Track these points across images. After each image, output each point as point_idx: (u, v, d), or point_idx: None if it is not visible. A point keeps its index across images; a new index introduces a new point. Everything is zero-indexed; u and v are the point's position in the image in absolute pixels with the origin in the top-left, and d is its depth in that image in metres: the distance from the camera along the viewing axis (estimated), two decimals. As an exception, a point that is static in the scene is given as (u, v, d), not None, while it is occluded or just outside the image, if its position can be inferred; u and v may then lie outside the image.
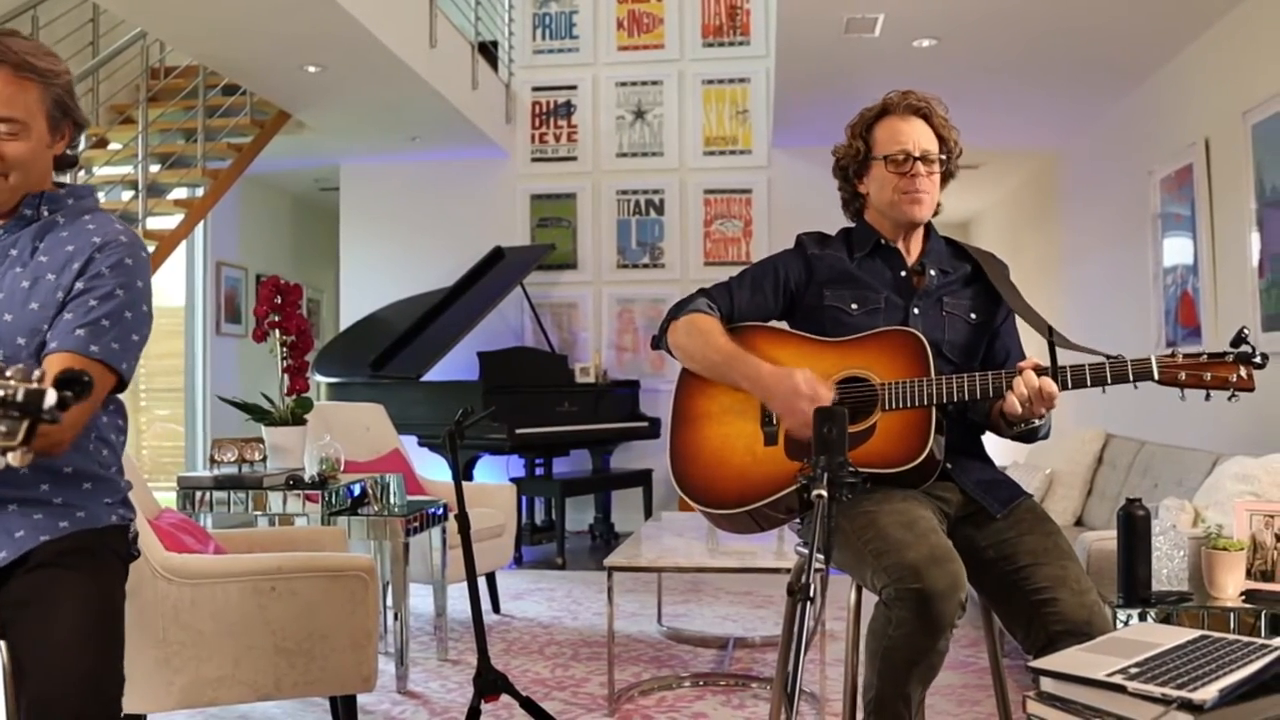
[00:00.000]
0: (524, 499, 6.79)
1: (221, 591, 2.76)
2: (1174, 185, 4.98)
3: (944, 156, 2.23)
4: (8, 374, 1.19)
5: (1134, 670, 1.44)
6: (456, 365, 6.84)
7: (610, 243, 7.68)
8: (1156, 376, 1.96)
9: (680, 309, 2.27)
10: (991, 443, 2.30)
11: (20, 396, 1.17)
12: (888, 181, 2.21)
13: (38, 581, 1.70)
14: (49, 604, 1.68)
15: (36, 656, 1.63)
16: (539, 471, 7.05)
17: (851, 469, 1.73)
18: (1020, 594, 2.00)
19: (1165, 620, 2.66)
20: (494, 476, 6.99)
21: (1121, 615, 2.73)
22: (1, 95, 1.73)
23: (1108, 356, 1.99)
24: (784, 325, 2.32)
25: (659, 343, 2.32)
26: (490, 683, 2.82)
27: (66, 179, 1.96)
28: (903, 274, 2.24)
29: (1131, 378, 1.97)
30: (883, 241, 2.26)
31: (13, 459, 1.20)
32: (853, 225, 2.33)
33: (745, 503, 2.16)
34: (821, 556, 1.71)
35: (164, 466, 8.32)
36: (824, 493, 1.68)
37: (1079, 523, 4.60)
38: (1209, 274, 4.57)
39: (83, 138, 5.59)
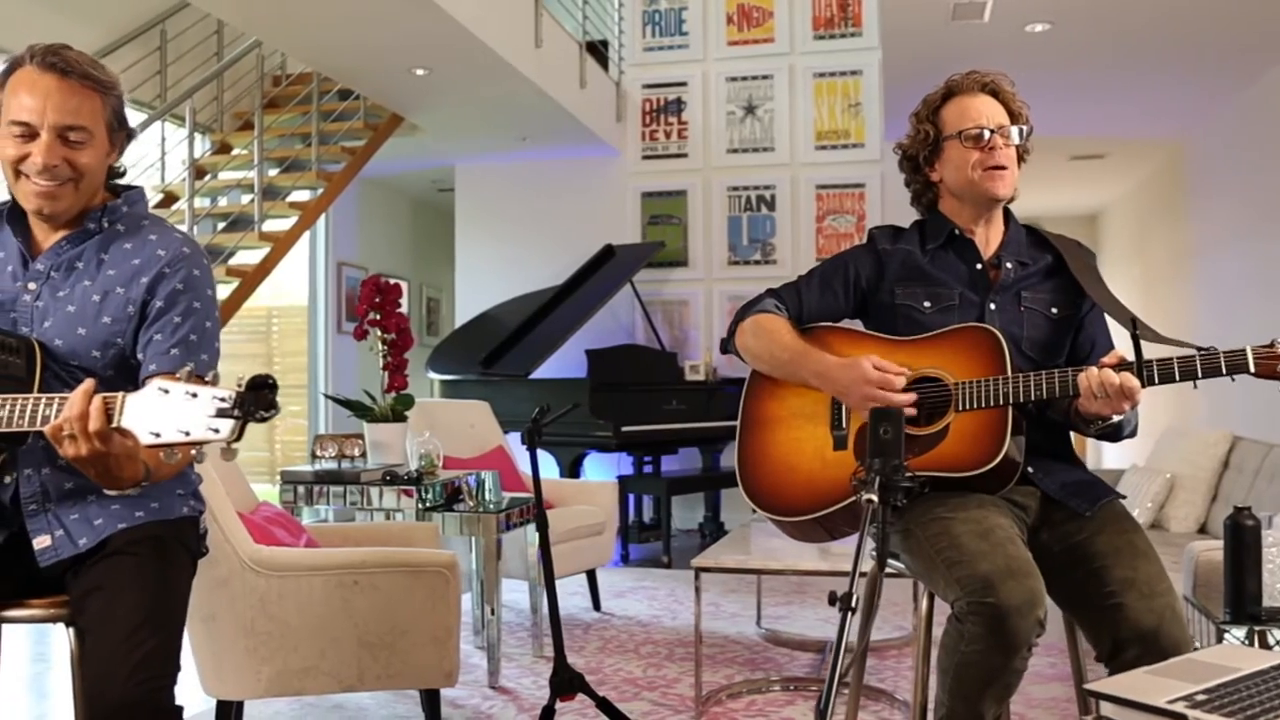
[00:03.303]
0: (631, 497, 6.79)
1: (306, 584, 2.83)
2: (1313, 172, 4.66)
3: (1019, 129, 2.12)
4: (206, 379, 1.46)
5: (1200, 697, 1.33)
6: (566, 363, 6.88)
7: (721, 239, 7.62)
8: (1252, 369, 1.82)
9: (747, 310, 2.22)
10: (1109, 444, 2.17)
11: (234, 399, 1.43)
12: (965, 160, 2.10)
13: (108, 568, 1.77)
14: (114, 590, 1.74)
15: (97, 640, 1.69)
16: (647, 469, 7.04)
17: (908, 473, 1.65)
18: (1089, 597, 1.89)
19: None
20: (604, 474, 7.01)
21: (1237, 632, 2.55)
22: (69, 105, 1.78)
23: (1199, 349, 1.85)
24: (858, 325, 2.25)
25: (727, 346, 2.27)
26: (566, 682, 2.82)
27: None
28: (978, 267, 2.13)
29: (1225, 371, 1.83)
30: (957, 232, 2.16)
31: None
32: (926, 218, 2.24)
33: (814, 509, 2.09)
34: (874, 563, 1.64)
35: (294, 460, 8.62)
36: (874, 497, 1.61)
37: (1202, 530, 4.35)
38: (1351, 266, 4.26)
39: (209, 140, 5.82)
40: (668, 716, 3.37)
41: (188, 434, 1.44)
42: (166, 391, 1.47)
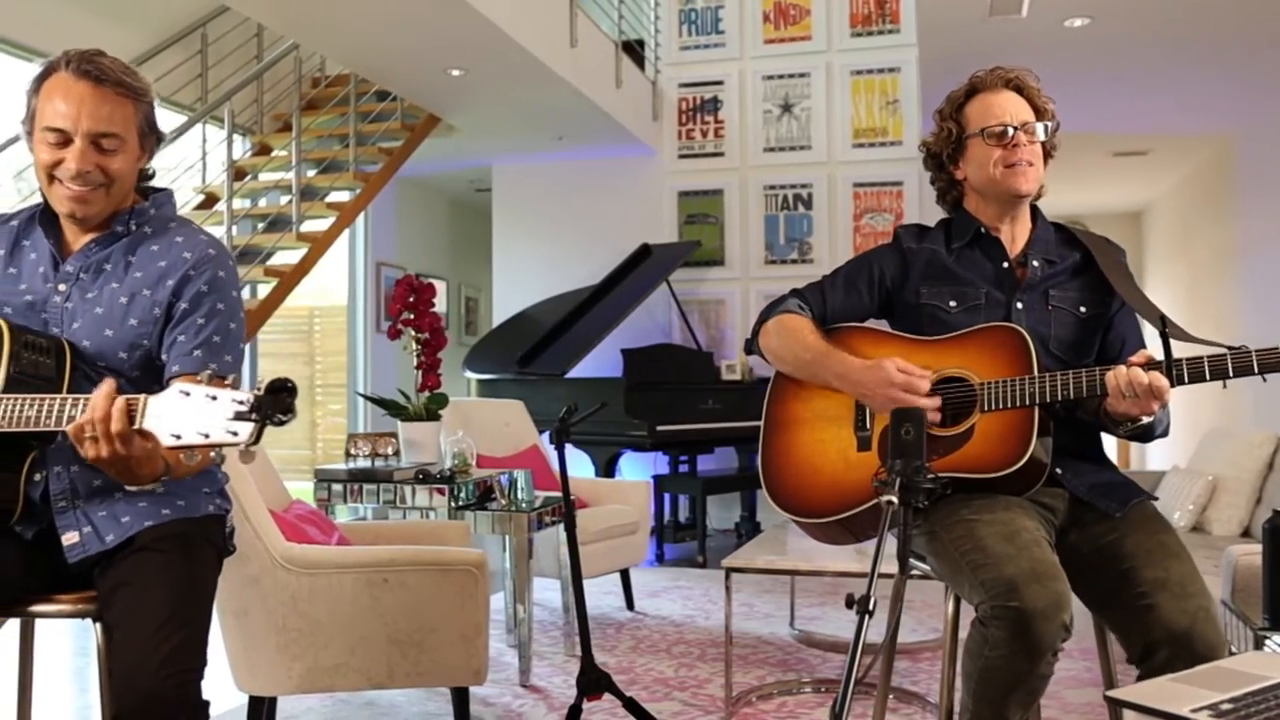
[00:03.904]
0: (667, 496, 6.78)
1: (337, 582, 2.85)
2: (1362, 167, 4.55)
3: (1044, 125, 2.09)
4: (227, 381, 1.48)
5: (1225, 707, 1.30)
6: (602, 362, 6.89)
7: (758, 238, 7.59)
8: None
9: (771, 311, 2.21)
10: (1152, 446, 2.14)
11: (254, 402, 1.44)
12: (987, 157, 2.08)
13: (134, 564, 1.79)
14: (140, 586, 1.76)
15: (124, 636, 1.71)
16: (684, 469, 7.02)
17: (930, 474, 1.64)
18: (1119, 598, 1.85)
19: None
20: (640, 473, 7.01)
21: (1277, 639, 2.49)
22: (103, 113, 1.81)
23: (1230, 348, 1.81)
24: (884, 325, 2.22)
25: (751, 347, 2.26)
26: (593, 681, 2.82)
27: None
28: (1004, 265, 2.10)
29: (1257, 369, 1.79)
30: (983, 230, 2.13)
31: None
32: (952, 216, 2.21)
33: (837, 511, 2.07)
34: (895, 566, 1.63)
35: (336, 458, 8.70)
36: (894, 499, 1.59)
37: (1246, 534, 4.26)
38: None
39: (248, 142, 5.90)
40: (697, 717, 3.36)
41: (207, 436, 1.46)
42: (187, 394, 1.48)
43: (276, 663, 2.84)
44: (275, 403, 1.46)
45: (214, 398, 1.47)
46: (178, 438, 1.49)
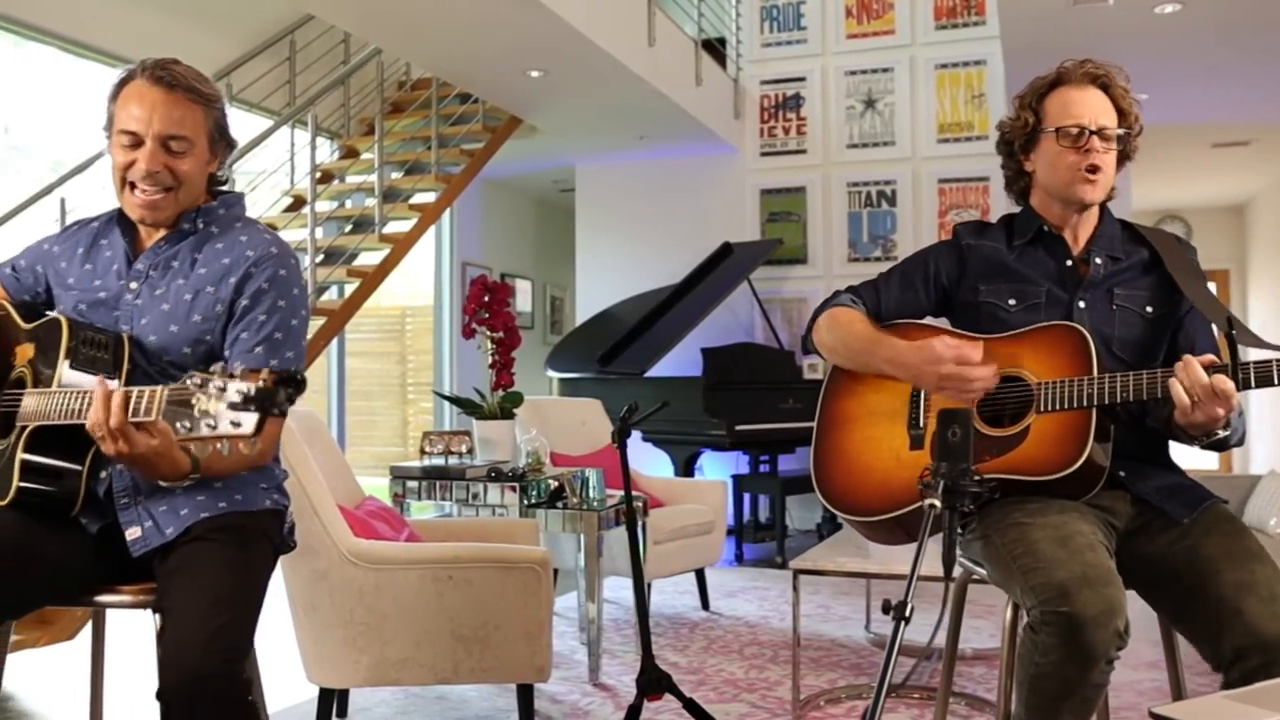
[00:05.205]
0: (747, 496, 6.74)
1: (403, 577, 2.89)
2: None
3: (1123, 132, 2.01)
4: (236, 373, 1.46)
5: (1279, 723, 1.23)
6: (683, 361, 6.88)
7: (841, 236, 7.50)
8: None
9: (824, 306, 2.18)
10: (1252, 448, 2.05)
11: (254, 393, 1.44)
12: (1059, 158, 2.01)
13: (188, 552, 1.84)
14: (192, 572, 1.81)
15: (174, 616, 1.75)
16: (764, 468, 6.97)
17: (976, 477, 1.59)
18: (1201, 605, 1.77)
19: None
20: (721, 473, 6.98)
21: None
22: (173, 116, 1.90)
23: None
24: (942, 323, 2.18)
25: (806, 344, 2.23)
26: (653, 681, 2.81)
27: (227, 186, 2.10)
28: (1067, 263, 2.04)
29: None
30: (1045, 228, 2.07)
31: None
32: (1016, 211, 2.15)
33: (888, 509, 2.03)
34: (960, 570, 1.59)
35: (424, 455, 8.85)
36: (937, 502, 1.56)
37: (1348, 541, 4.06)
38: None
39: (335, 145, 6.01)
40: (764, 719, 3.34)
41: (214, 427, 1.47)
42: (200, 384, 1.49)
43: (344, 656, 2.90)
44: (273, 394, 1.44)
45: (222, 389, 1.47)
46: (189, 429, 1.50)
